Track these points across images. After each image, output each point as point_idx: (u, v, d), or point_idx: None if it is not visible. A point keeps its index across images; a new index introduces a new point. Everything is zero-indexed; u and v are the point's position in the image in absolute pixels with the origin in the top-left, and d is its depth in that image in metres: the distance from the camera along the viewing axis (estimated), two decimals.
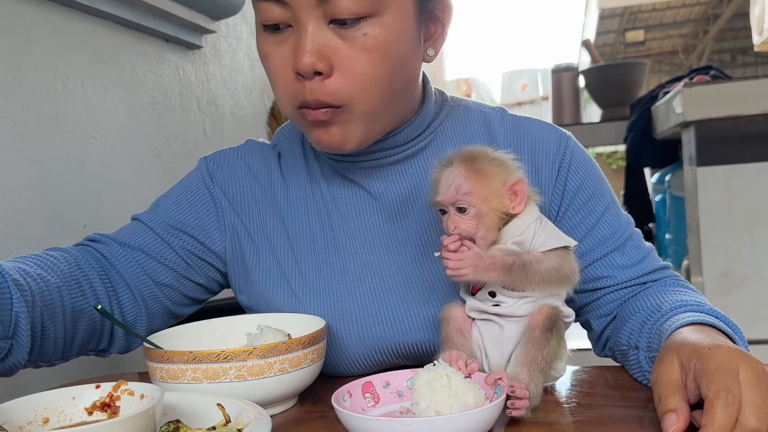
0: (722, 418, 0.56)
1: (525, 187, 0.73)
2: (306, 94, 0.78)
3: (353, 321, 0.88)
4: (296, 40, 0.77)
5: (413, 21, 0.80)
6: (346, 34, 0.76)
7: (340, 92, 0.78)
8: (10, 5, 1.03)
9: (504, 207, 0.73)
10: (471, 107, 0.95)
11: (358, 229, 0.91)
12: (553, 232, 0.75)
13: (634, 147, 2.84)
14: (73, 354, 0.87)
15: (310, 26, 0.76)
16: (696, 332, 0.68)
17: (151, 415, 0.59)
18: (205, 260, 0.94)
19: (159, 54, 1.41)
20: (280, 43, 0.79)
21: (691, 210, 2.11)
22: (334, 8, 0.74)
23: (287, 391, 0.76)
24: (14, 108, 1.02)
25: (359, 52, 0.76)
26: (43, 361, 0.84)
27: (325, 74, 0.77)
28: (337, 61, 0.77)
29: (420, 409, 0.66)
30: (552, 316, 0.72)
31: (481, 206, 0.72)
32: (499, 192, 0.73)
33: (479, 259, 0.71)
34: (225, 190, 0.94)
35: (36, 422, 0.65)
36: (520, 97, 10.45)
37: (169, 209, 0.94)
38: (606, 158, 10.66)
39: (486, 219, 0.72)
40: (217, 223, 0.94)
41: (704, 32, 10.08)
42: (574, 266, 0.74)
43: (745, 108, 1.96)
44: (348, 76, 0.77)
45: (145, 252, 0.91)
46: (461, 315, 0.77)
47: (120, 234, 0.93)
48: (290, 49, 0.78)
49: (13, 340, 0.74)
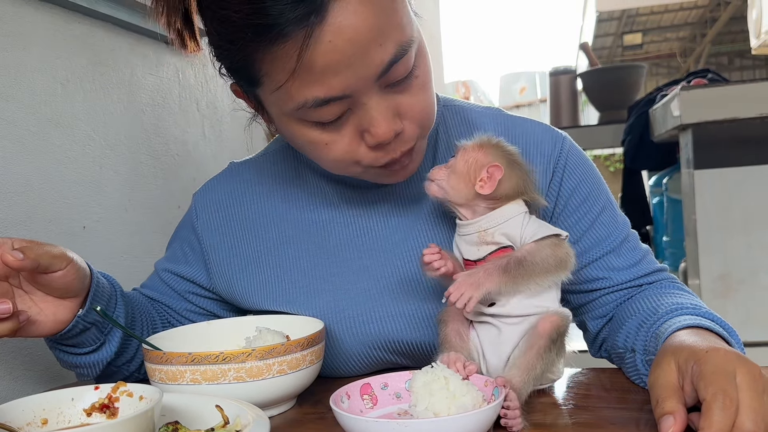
0: (719, 420, 0.56)
1: (499, 175, 0.75)
2: (391, 155, 0.77)
3: (347, 318, 0.88)
4: (359, 121, 0.74)
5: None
6: (402, 87, 0.74)
7: (414, 134, 0.78)
8: (9, 7, 1.03)
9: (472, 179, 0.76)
10: (465, 108, 0.95)
11: (353, 233, 0.91)
12: (543, 224, 0.76)
13: (632, 150, 2.84)
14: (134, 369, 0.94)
15: (374, 100, 0.73)
16: (693, 335, 0.69)
17: (149, 416, 0.59)
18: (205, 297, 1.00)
19: (158, 56, 1.41)
20: (340, 129, 0.75)
21: (689, 213, 2.12)
22: (393, 75, 0.72)
23: (286, 392, 0.76)
24: (13, 110, 1.02)
25: (417, 94, 0.76)
26: (115, 366, 0.91)
27: (401, 131, 0.76)
28: (402, 113, 0.76)
29: (418, 411, 0.66)
30: (561, 327, 0.72)
31: (459, 166, 0.77)
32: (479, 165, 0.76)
33: (471, 277, 0.72)
34: (208, 222, 0.98)
35: (35, 423, 0.65)
36: (519, 99, 10.46)
37: (169, 257, 1.01)
38: (603, 161, 10.67)
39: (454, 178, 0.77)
40: (203, 261, 0.98)
41: (702, 35, 10.10)
42: (568, 249, 0.74)
43: (743, 111, 1.97)
44: (417, 118, 0.77)
45: (162, 302, 1.00)
46: (459, 317, 0.78)
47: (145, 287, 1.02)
48: (354, 129, 0.75)
49: (107, 336, 0.87)
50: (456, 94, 9.48)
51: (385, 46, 0.69)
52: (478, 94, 10.07)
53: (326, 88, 0.70)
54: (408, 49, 0.71)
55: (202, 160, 1.55)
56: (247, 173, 1.00)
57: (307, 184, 0.94)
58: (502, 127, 0.91)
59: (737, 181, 2.01)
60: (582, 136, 3.02)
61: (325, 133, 0.75)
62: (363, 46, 0.68)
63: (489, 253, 0.75)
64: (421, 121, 0.78)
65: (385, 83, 0.72)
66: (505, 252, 0.74)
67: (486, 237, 0.75)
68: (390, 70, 0.71)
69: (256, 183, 0.98)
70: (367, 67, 0.69)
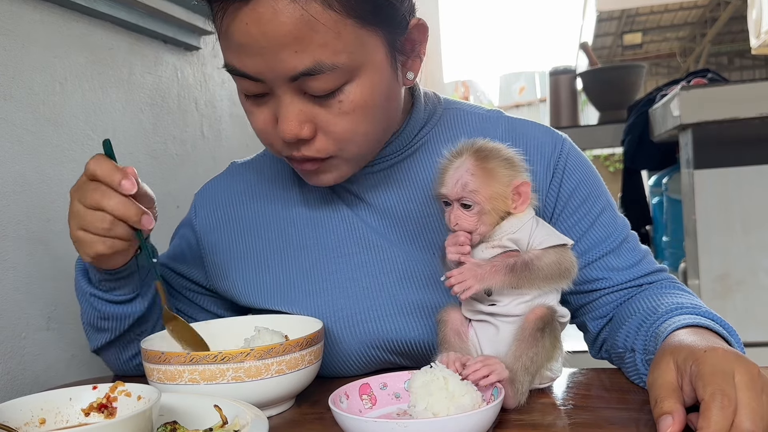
0: (718, 420, 0.56)
1: (529, 189, 0.74)
2: (294, 152, 0.80)
3: (345, 317, 0.88)
4: (276, 108, 0.78)
5: (387, 67, 0.79)
6: (323, 103, 0.76)
7: (326, 149, 0.80)
8: (8, 6, 1.03)
9: (506, 207, 0.74)
10: (465, 110, 0.95)
11: (349, 234, 0.91)
12: (551, 231, 0.76)
13: (632, 150, 2.84)
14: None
15: (287, 98, 0.76)
16: (692, 335, 0.69)
17: (148, 416, 0.59)
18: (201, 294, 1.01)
19: (157, 55, 1.41)
20: (260, 105, 0.80)
21: (688, 213, 2.12)
22: (307, 87, 0.75)
23: (284, 392, 0.76)
24: (12, 109, 1.02)
25: (338, 116, 0.77)
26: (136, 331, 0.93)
27: (309, 138, 0.78)
28: (318, 124, 0.78)
29: (417, 411, 0.66)
30: (545, 316, 0.72)
31: (485, 205, 0.73)
32: (503, 193, 0.73)
33: (478, 268, 0.72)
34: (207, 221, 0.99)
35: (33, 423, 0.65)
36: (518, 99, 10.46)
37: (168, 254, 1.01)
38: (603, 161, 10.67)
39: (487, 217, 0.73)
40: (200, 258, 0.99)
41: (702, 35, 10.10)
42: (572, 260, 0.75)
43: (742, 111, 1.97)
44: (332, 136, 0.79)
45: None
46: (458, 317, 0.78)
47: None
48: (271, 112, 0.79)
49: (142, 290, 0.90)
50: (455, 93, 9.49)
51: (300, 56, 0.72)
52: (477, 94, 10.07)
53: (240, 63, 0.75)
54: (325, 70, 0.73)
55: (200, 160, 1.55)
56: (248, 173, 1.00)
57: (303, 182, 0.94)
58: (502, 129, 0.91)
59: (737, 181, 2.01)
60: (582, 136, 3.03)
61: (249, 101, 0.81)
62: (276, 45, 0.71)
63: (494, 256, 0.75)
64: (339, 143, 0.79)
65: (300, 89, 0.75)
66: (510, 255, 0.74)
67: (494, 242, 0.75)
68: (301, 79, 0.73)
69: (256, 182, 0.98)
70: (277, 65, 0.73)
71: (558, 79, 3.48)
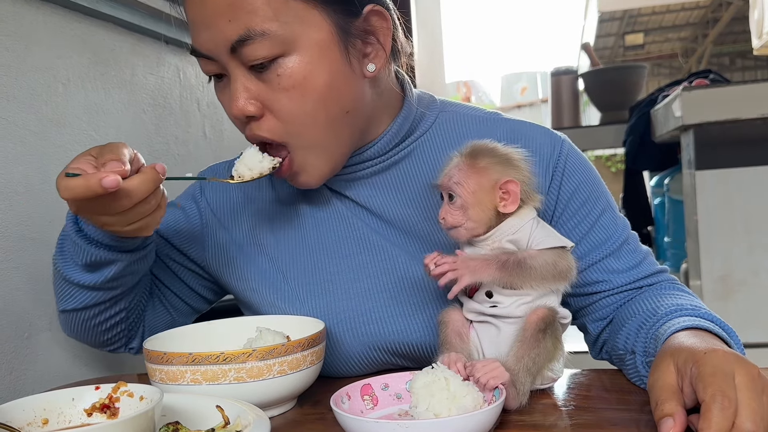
0: (719, 421, 0.56)
1: (517, 188, 0.74)
2: (251, 132, 0.82)
3: (348, 319, 0.88)
4: (231, 88, 0.80)
5: (334, 48, 0.79)
6: (264, 77, 0.79)
7: (275, 130, 0.81)
8: (10, 7, 1.03)
9: (492, 203, 0.74)
10: (463, 112, 0.95)
11: (350, 234, 0.91)
12: (551, 232, 0.76)
13: (633, 150, 2.84)
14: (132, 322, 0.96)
15: (236, 74, 0.79)
16: (692, 336, 0.69)
17: (150, 416, 0.59)
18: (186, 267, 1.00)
19: (159, 56, 1.41)
20: (223, 89, 0.83)
21: (690, 213, 2.12)
22: (244, 56, 0.77)
23: (286, 393, 0.76)
24: (14, 110, 1.02)
25: (278, 92, 0.79)
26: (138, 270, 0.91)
27: (257, 117, 0.80)
28: (264, 103, 0.80)
29: (418, 412, 0.66)
30: (547, 317, 0.72)
31: (467, 198, 0.74)
32: (486, 188, 0.74)
33: (471, 261, 0.72)
34: (213, 204, 0.99)
35: (35, 423, 0.65)
36: (520, 99, 10.45)
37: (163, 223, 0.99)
38: (605, 161, 10.66)
39: (472, 212, 0.74)
40: (201, 236, 0.98)
41: (703, 36, 10.09)
42: (570, 263, 0.75)
43: (744, 112, 1.97)
44: (278, 116, 0.80)
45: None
46: (459, 318, 0.78)
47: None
48: (230, 95, 0.81)
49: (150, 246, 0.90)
50: (457, 94, 9.48)
51: (233, 24, 0.75)
52: (479, 94, 10.07)
53: (196, 42, 0.80)
54: (255, 36, 0.75)
55: (203, 160, 1.55)
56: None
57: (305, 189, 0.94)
58: (501, 131, 0.90)
59: (739, 182, 2.01)
60: (583, 137, 3.03)
61: (217, 89, 0.85)
62: (214, 15, 0.76)
63: None
64: (286, 125, 0.80)
65: (243, 63, 0.78)
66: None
67: (493, 244, 0.75)
68: (240, 51, 0.76)
69: (260, 181, 0.98)
70: (217, 36, 0.77)
71: (560, 79, 3.48)
